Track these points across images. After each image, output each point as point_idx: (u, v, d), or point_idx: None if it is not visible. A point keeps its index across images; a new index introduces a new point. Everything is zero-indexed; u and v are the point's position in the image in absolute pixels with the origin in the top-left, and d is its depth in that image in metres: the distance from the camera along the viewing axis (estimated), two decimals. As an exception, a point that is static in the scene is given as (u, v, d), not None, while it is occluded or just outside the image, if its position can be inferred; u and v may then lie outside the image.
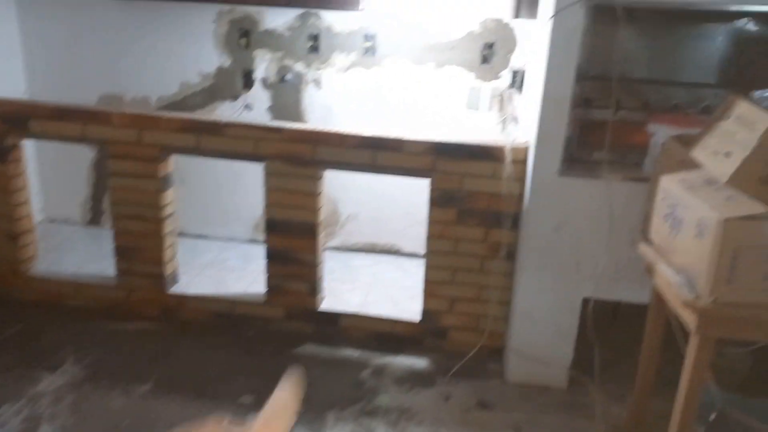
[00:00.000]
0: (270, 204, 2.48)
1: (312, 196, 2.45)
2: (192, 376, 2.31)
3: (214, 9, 2.95)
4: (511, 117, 3.00)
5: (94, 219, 3.42)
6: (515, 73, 2.94)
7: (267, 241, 2.54)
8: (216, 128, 2.41)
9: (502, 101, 3.04)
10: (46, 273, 2.75)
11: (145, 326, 2.64)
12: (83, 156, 3.29)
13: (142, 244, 2.60)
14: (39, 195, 3.38)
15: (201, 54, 3.04)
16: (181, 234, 3.35)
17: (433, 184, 2.40)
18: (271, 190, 2.46)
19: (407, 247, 3.21)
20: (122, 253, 2.63)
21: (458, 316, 2.52)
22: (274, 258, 2.56)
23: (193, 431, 0.42)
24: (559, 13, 2.03)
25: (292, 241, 2.51)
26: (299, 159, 2.40)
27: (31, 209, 2.74)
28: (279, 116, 3.06)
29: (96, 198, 3.38)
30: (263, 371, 2.37)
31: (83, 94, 3.09)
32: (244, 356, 2.47)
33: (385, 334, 2.58)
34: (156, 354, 2.44)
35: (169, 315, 2.67)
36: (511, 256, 2.40)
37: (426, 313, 2.54)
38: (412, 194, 2.92)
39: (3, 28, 3.01)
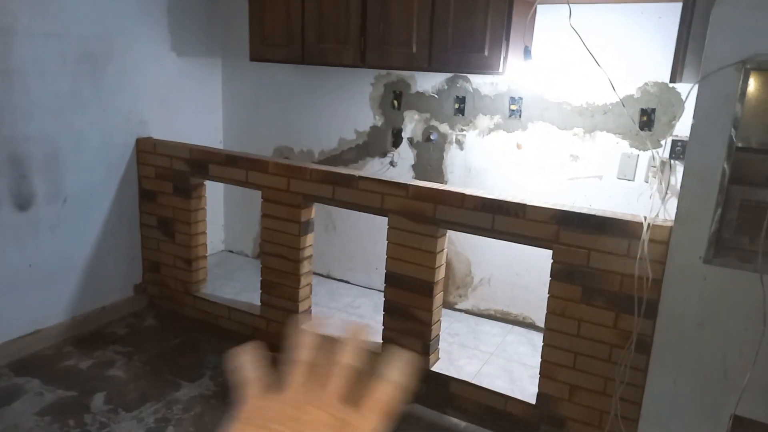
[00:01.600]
0: (391, 257, 2.58)
1: (431, 254, 2.48)
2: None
3: (372, 74, 3.23)
4: (670, 190, 2.70)
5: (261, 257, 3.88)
6: (677, 143, 2.66)
7: (385, 294, 2.63)
8: (349, 181, 2.60)
9: (660, 172, 2.76)
10: (210, 296, 3.19)
11: (277, 356, 2.88)
12: (258, 198, 3.78)
13: (282, 280, 2.88)
14: (223, 229, 3.96)
15: (358, 113, 3.33)
16: (328, 276, 3.63)
17: (555, 256, 2.26)
18: (392, 244, 2.56)
19: (541, 321, 3.02)
20: (266, 286, 2.95)
21: (578, 407, 2.29)
22: (390, 311, 2.63)
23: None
24: (707, 77, 1.83)
25: (409, 296, 2.56)
26: (420, 216, 2.46)
27: (207, 239, 3.23)
28: (421, 174, 3.18)
29: (264, 235, 3.85)
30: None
31: (263, 146, 3.59)
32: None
33: (496, 411, 2.45)
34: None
35: (297, 349, 2.88)
36: (644, 348, 2.12)
37: (542, 396, 2.36)
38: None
39: (211, 89, 3.66)
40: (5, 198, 2.60)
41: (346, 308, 3.17)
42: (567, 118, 2.82)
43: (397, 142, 3.24)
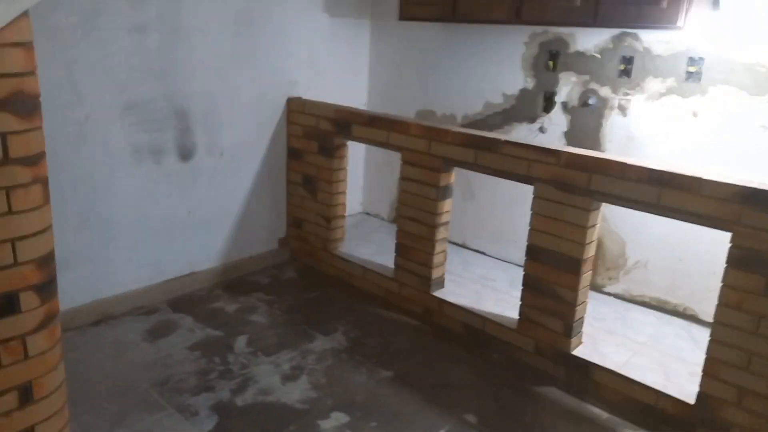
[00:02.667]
0: (535, 229, 2.39)
1: (581, 228, 2.26)
2: (428, 378, 2.41)
3: (526, 31, 2.99)
4: None
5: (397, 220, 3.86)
6: None
7: (526, 268, 2.45)
8: (493, 145, 2.44)
9: None
10: (346, 255, 3.24)
11: (406, 320, 2.87)
12: (397, 163, 3.76)
13: (416, 244, 2.82)
14: (362, 191, 4.00)
15: (507, 76, 3.12)
16: (463, 245, 3.52)
17: (734, 239, 1.93)
18: (537, 215, 2.37)
19: (705, 314, 2.65)
20: (400, 250, 2.92)
21: (748, 414, 1.97)
22: (530, 286, 2.46)
23: None
24: None
25: (553, 272, 2.36)
26: (572, 186, 2.24)
27: (346, 199, 3.27)
28: (574, 142, 2.91)
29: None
30: (496, 397, 2.31)
31: (405, 109, 3.54)
32: (482, 376, 2.44)
33: (645, 406, 2.20)
34: (407, 348, 2.63)
35: (429, 315, 2.83)
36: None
37: (703, 397, 2.07)
38: (723, 251, 2.40)
39: (358, 50, 3.66)
40: (171, 149, 2.82)
41: (480, 280, 3.04)
42: (760, 82, 2.39)
43: (548, 106, 3.00)
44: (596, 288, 2.97)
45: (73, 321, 2.57)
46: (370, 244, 3.44)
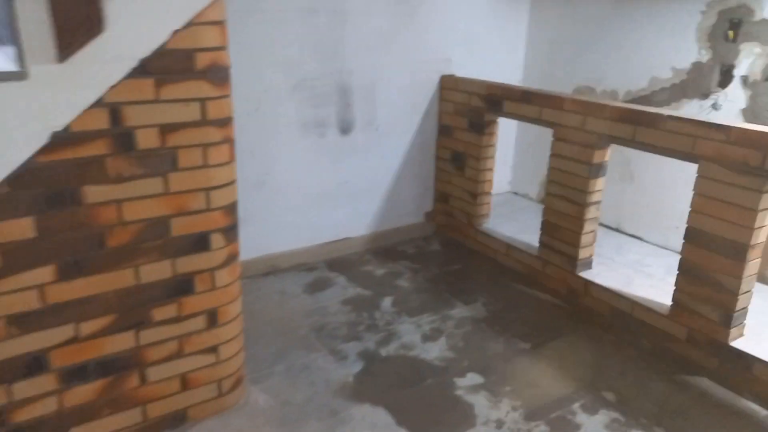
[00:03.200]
0: (696, 211, 2.23)
1: (750, 211, 2.06)
2: (568, 355, 2.39)
3: (703, 0, 2.75)
4: None
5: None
6: None
7: (683, 251, 2.30)
8: (654, 120, 2.31)
9: None
10: (491, 231, 3.29)
11: (548, 298, 2.85)
12: (548, 141, 3.68)
13: (564, 223, 2.78)
14: (510, 170, 3.99)
15: (677, 48, 2.89)
16: (617, 229, 3.36)
17: None
18: (700, 196, 2.21)
19: None
20: (546, 228, 2.89)
21: None
22: (686, 271, 2.30)
23: None
24: None
25: (713, 258, 2.20)
26: (742, 165, 2.05)
27: (493, 176, 3.31)
28: (753, 120, 2.63)
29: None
30: (639, 380, 2.23)
31: (561, 86, 3.45)
32: (627, 359, 2.36)
33: (816, 410, 1.98)
34: (547, 324, 2.63)
35: (572, 295, 2.78)
36: None
37: None
38: None
39: (516, 27, 3.64)
40: (333, 123, 3.09)
41: (634, 265, 2.90)
42: None
43: (725, 81, 2.73)
44: (764, 279, 2.68)
45: (247, 270, 2.95)
46: (514, 222, 3.43)
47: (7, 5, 1.33)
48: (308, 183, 3.09)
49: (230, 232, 1.85)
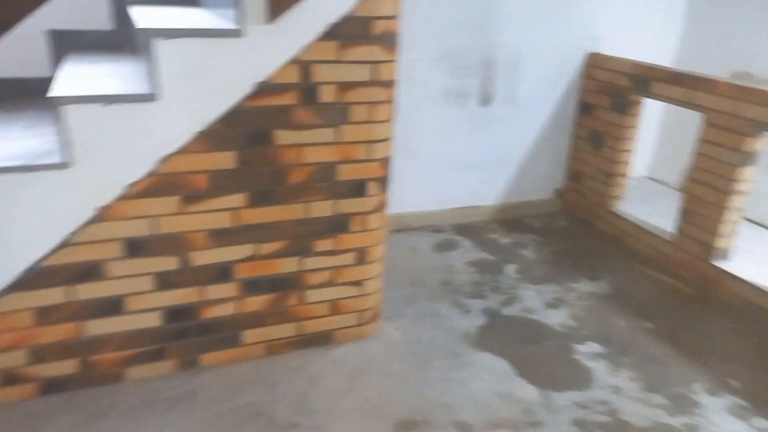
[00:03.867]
0: None
1: None
2: (694, 340, 2.40)
3: None
4: None
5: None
6: None
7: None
8: (821, 109, 2.20)
9: None
10: (622, 213, 3.28)
11: (677, 284, 2.83)
12: (693, 128, 3.55)
13: (704, 210, 2.72)
14: (649, 154, 3.89)
15: None
16: (763, 226, 3.20)
17: None
18: None
19: None
20: (684, 214, 2.84)
21: None
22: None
23: None
24: None
25: None
26: None
27: (630, 158, 3.28)
28: None
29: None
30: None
31: (717, 70, 3.30)
32: (758, 350, 2.32)
33: None
34: (673, 308, 2.63)
35: (703, 283, 2.74)
36: None
37: None
38: None
39: (672, 6, 3.51)
40: (474, 94, 3.23)
41: (776, 261, 2.78)
42: None
43: None
44: None
45: (382, 225, 3.23)
46: (647, 207, 3.38)
47: (236, -24, 1.64)
48: (444, 150, 3.28)
49: (383, 182, 2.10)
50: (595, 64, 3.32)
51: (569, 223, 3.49)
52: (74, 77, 1.77)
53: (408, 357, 2.20)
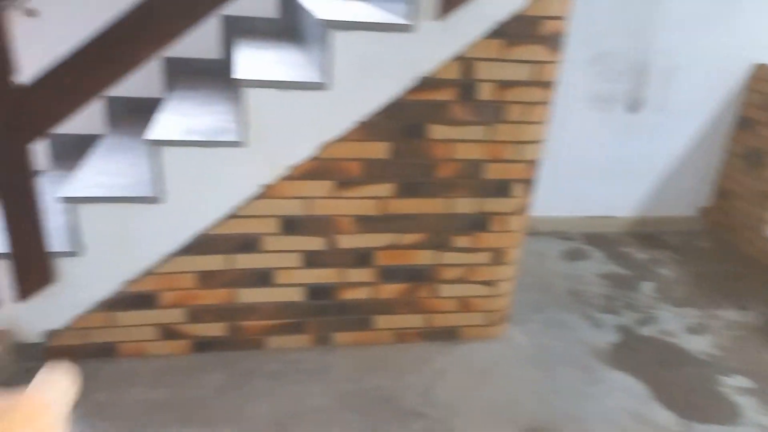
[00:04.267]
0: None
1: None
2: None
3: None
4: None
5: None
6: None
7: None
8: None
9: None
10: (778, 240, 2.98)
11: (842, 326, 2.53)
12: None
13: None
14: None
15: None
16: None
17: None
18: None
19: None
20: None
21: None
22: None
23: None
24: None
25: None
26: None
27: (796, 181, 2.96)
28: None
29: None
30: None
31: None
32: None
33: None
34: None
35: None
36: None
37: None
38: None
39: None
40: (622, 99, 3.07)
41: None
42: None
43: None
44: None
45: (509, 227, 3.18)
46: (811, 237, 3.05)
47: (413, -29, 1.68)
48: (583, 155, 3.15)
49: (528, 184, 2.06)
50: (762, 77, 3.03)
51: (713, 243, 3.23)
52: (250, 62, 1.91)
53: (535, 363, 2.16)
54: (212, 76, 2.43)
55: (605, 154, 3.17)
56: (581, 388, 2.06)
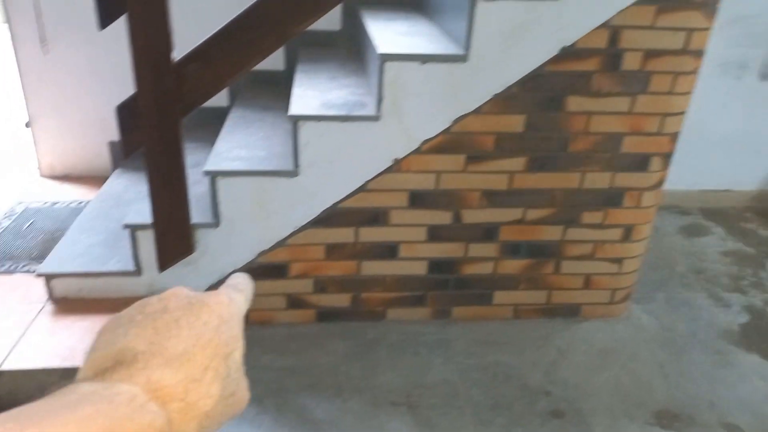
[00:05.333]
0: None
1: None
2: None
3: None
4: None
5: None
6: None
7: None
8: None
9: None
10: None
11: None
12: None
13: None
14: None
15: None
16: None
17: None
18: None
19: None
20: None
21: None
22: None
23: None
24: None
25: None
26: None
27: None
28: None
29: None
30: None
31: None
32: None
33: None
34: None
35: None
36: None
37: None
38: None
39: None
40: (755, 67, 2.82)
41: None
42: None
43: None
44: None
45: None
46: None
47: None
48: (706, 125, 2.94)
49: (668, 158, 1.95)
50: None
51: None
52: (384, 34, 1.87)
53: (662, 345, 2.09)
54: (333, 48, 2.41)
55: (732, 125, 2.95)
56: (712, 371, 1.98)
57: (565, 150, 1.88)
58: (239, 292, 0.41)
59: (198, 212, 1.88)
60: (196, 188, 1.95)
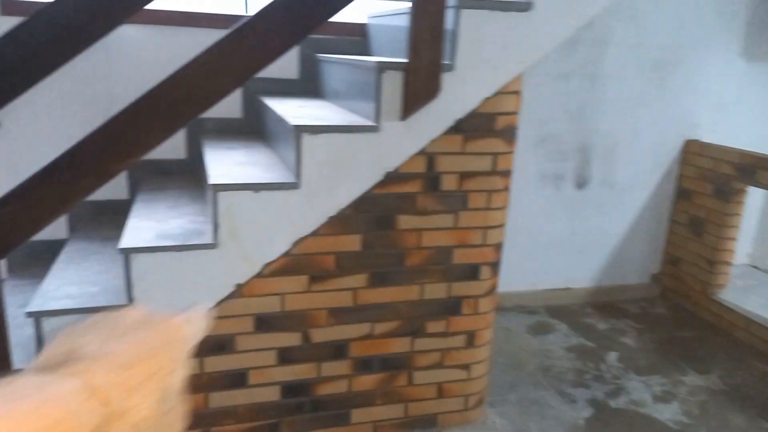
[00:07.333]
0: None
1: None
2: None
3: None
4: None
5: (794, 277, 3.49)
6: None
7: None
8: None
9: None
10: (728, 302, 3.14)
11: (798, 384, 2.65)
12: (805, 215, 3.41)
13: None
14: (752, 242, 3.75)
15: None
16: None
17: None
18: None
19: None
20: (801, 307, 2.70)
21: None
22: None
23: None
24: None
25: None
26: None
27: (735, 246, 3.18)
28: None
29: (803, 258, 3.44)
30: None
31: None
32: None
33: None
34: (795, 410, 2.45)
35: (829, 386, 2.55)
36: None
37: None
38: None
39: (772, 94, 3.49)
40: (570, 177, 3.27)
41: None
42: None
43: None
44: None
45: (475, 305, 3.23)
46: (755, 297, 3.23)
47: (376, 81, 1.80)
48: (539, 231, 3.29)
49: (495, 266, 2.14)
50: (694, 151, 3.31)
51: (668, 310, 3.37)
52: (218, 164, 1.95)
53: (515, 447, 2.15)
54: (177, 177, 2.46)
55: (559, 229, 3.32)
56: (563, 468, 2.06)
57: (402, 264, 2.00)
58: (198, 320, 0.44)
59: (24, 356, 1.73)
60: (23, 330, 1.81)
